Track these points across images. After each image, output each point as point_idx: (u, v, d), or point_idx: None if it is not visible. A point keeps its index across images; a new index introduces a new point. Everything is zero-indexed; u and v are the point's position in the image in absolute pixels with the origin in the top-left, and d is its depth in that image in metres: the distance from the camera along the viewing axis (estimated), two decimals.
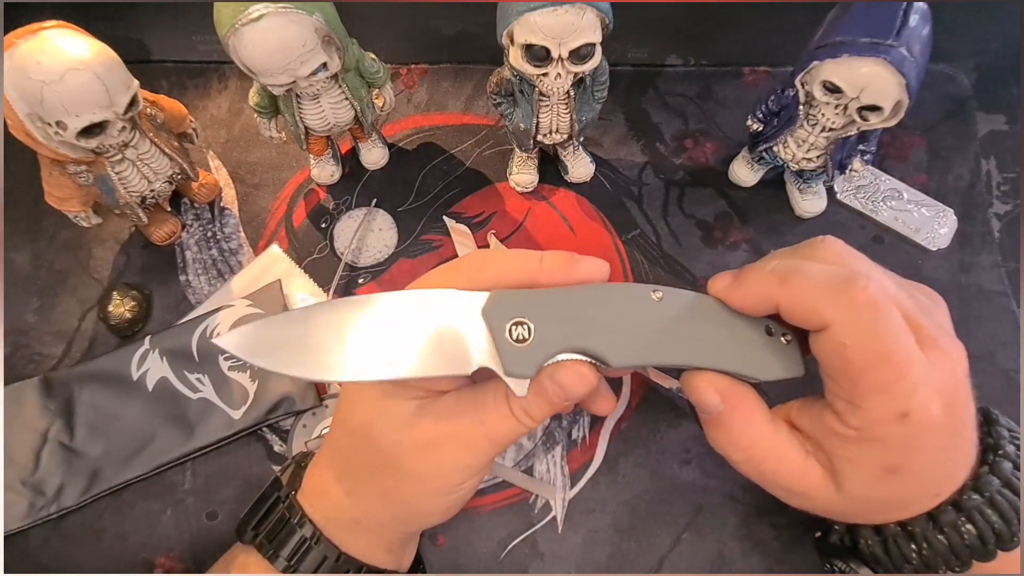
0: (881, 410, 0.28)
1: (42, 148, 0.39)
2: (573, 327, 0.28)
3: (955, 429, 0.30)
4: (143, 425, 0.45)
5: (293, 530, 0.33)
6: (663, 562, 0.42)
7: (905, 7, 0.37)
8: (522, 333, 0.28)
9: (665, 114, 0.54)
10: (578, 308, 0.28)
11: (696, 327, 0.29)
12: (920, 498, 0.31)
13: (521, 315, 0.28)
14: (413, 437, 0.30)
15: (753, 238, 0.50)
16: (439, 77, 0.56)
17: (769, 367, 0.30)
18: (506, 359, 0.28)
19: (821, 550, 0.37)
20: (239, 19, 0.36)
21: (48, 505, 0.43)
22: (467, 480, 0.31)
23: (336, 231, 0.51)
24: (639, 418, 0.45)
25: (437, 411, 0.30)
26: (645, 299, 0.29)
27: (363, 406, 0.31)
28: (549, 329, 0.28)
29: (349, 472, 0.33)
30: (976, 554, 0.30)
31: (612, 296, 0.29)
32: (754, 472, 0.32)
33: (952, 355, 0.30)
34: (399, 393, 0.30)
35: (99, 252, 0.50)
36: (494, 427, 0.29)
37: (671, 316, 0.29)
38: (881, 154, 0.52)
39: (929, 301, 0.32)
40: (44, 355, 0.48)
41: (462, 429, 0.30)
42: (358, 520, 0.33)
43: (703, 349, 0.29)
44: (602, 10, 0.37)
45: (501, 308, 0.28)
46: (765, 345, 0.30)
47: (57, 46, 0.36)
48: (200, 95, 0.55)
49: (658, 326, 0.29)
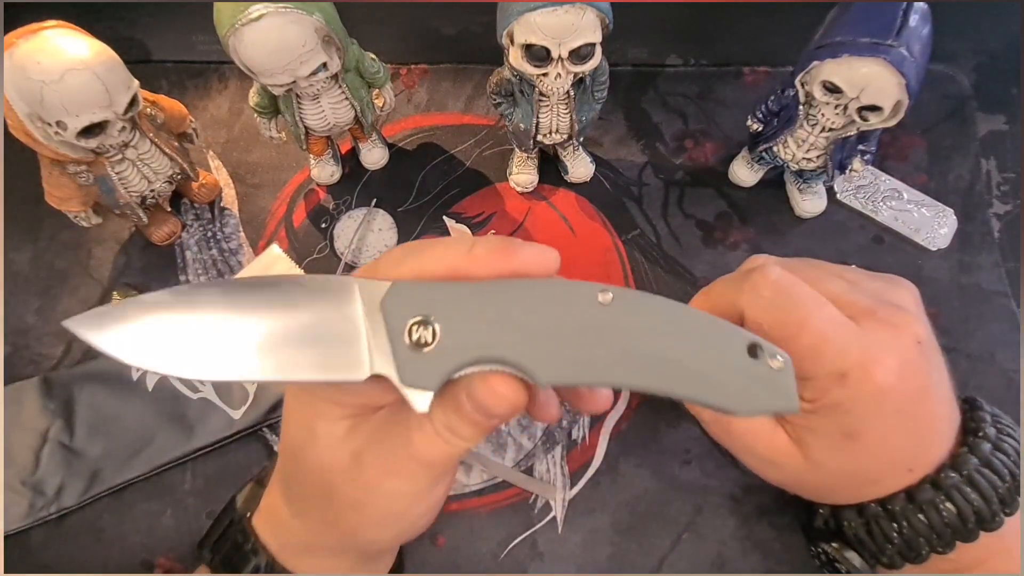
0: (820, 376, 0.30)
1: (42, 148, 0.39)
2: (489, 331, 0.23)
3: (914, 395, 0.31)
4: (143, 425, 0.45)
5: (247, 557, 0.31)
6: (663, 562, 0.42)
7: (905, 7, 0.37)
8: (424, 336, 0.23)
9: (665, 114, 0.54)
10: (499, 308, 0.23)
11: (652, 341, 0.23)
12: (891, 471, 0.32)
13: (425, 312, 0.23)
14: (342, 462, 0.26)
15: (753, 238, 0.50)
16: (439, 77, 0.56)
17: (748, 398, 0.23)
18: (402, 366, 0.23)
19: (807, 535, 0.38)
20: (239, 19, 0.36)
21: (48, 505, 0.43)
22: (410, 508, 0.27)
23: (336, 231, 0.51)
24: (639, 418, 0.45)
25: (368, 431, 0.26)
26: (589, 301, 0.23)
27: (295, 425, 0.28)
28: (458, 332, 0.23)
29: (292, 495, 0.30)
30: (958, 534, 0.31)
31: (545, 294, 0.23)
32: (723, 434, 0.34)
33: (898, 325, 0.31)
34: (328, 412, 0.26)
35: (99, 252, 0.50)
36: (420, 449, 0.25)
37: (620, 325, 0.23)
38: (881, 154, 0.52)
39: (886, 284, 0.34)
40: (44, 355, 0.48)
41: (390, 452, 0.26)
42: (309, 544, 0.31)
43: (658, 369, 0.23)
44: (602, 10, 0.37)
45: (401, 302, 0.23)
46: (745, 369, 0.23)
47: (57, 46, 0.36)
48: (200, 95, 0.55)
49: (602, 336, 0.23)
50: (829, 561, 0.36)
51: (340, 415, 0.26)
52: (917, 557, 0.32)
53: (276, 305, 0.23)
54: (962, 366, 0.46)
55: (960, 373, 0.34)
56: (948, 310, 0.47)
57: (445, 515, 0.43)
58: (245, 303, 0.23)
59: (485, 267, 0.23)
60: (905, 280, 0.35)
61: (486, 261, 0.23)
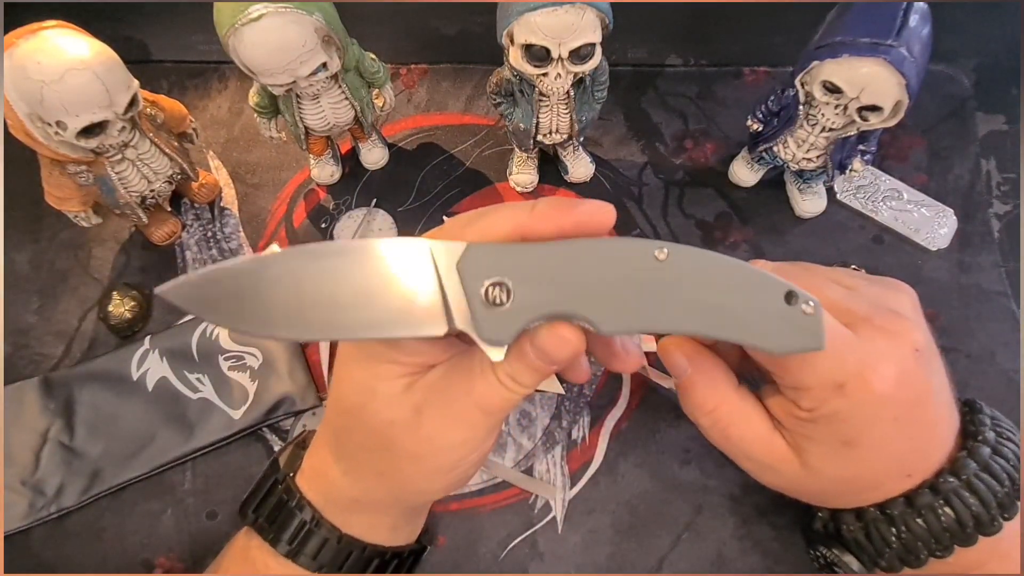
0: (818, 386, 0.30)
1: (42, 148, 0.39)
2: (559, 289, 0.25)
3: (912, 403, 0.31)
4: (143, 425, 0.45)
5: (292, 513, 0.33)
6: (663, 562, 0.42)
7: (905, 7, 0.37)
8: (500, 295, 0.25)
9: (665, 114, 0.54)
10: (566, 266, 0.25)
11: (703, 291, 0.25)
12: (889, 477, 0.32)
13: (499, 274, 0.25)
14: (404, 416, 0.28)
15: (753, 238, 0.50)
16: (439, 77, 0.56)
17: (784, 338, 0.26)
18: (480, 324, 0.25)
19: (806, 538, 0.38)
20: (239, 19, 0.36)
21: (48, 505, 0.43)
22: (465, 456, 0.30)
23: (336, 231, 0.51)
24: (639, 418, 0.45)
25: (426, 386, 0.28)
26: (647, 257, 0.25)
27: (352, 386, 0.30)
28: (531, 291, 0.25)
29: (344, 452, 0.32)
30: (956, 538, 0.31)
31: (607, 253, 0.25)
32: (721, 438, 0.34)
33: (896, 333, 0.31)
34: (387, 372, 0.29)
35: (99, 252, 0.50)
36: (483, 397, 0.27)
37: (675, 278, 0.25)
38: (881, 154, 0.52)
39: (884, 289, 0.34)
40: (44, 355, 0.48)
41: (451, 403, 0.28)
42: (357, 499, 0.33)
43: (708, 316, 0.26)
44: (602, 10, 0.37)
45: (477, 264, 0.25)
46: (782, 314, 0.26)
47: (57, 46, 0.36)
48: (200, 95, 0.55)
49: (659, 289, 0.25)
50: (827, 564, 0.36)
51: (399, 373, 0.28)
52: (916, 561, 0.32)
53: (356, 266, 0.25)
54: (962, 366, 0.46)
55: (960, 373, 0.33)
56: (948, 310, 0.47)
57: (445, 515, 0.43)
58: (326, 266, 0.25)
59: (548, 223, 0.25)
60: (903, 284, 0.34)
61: (548, 217, 0.25)
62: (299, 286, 0.24)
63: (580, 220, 0.25)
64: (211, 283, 0.24)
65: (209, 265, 0.25)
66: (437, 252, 0.25)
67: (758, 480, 0.35)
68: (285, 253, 0.25)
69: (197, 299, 0.24)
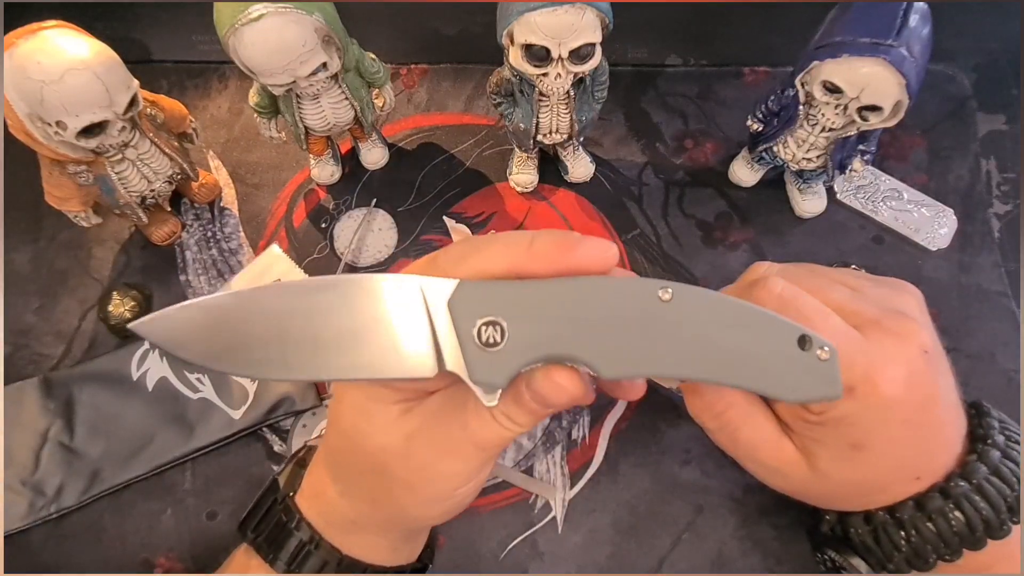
0: None
1: (42, 148, 0.39)
2: (556, 330, 0.24)
3: (921, 405, 0.30)
4: (143, 425, 0.45)
5: (291, 533, 0.32)
6: (663, 562, 0.42)
7: (905, 7, 0.37)
8: (493, 335, 0.23)
9: (665, 114, 0.54)
10: (564, 306, 0.24)
11: (710, 335, 0.24)
12: (898, 480, 0.32)
13: (493, 312, 0.23)
14: (396, 443, 0.28)
15: (753, 238, 0.50)
16: (439, 77, 0.56)
17: (799, 386, 0.24)
18: (472, 366, 0.24)
19: (813, 540, 0.38)
20: (239, 19, 0.36)
21: (48, 505, 0.43)
22: (460, 487, 0.29)
23: (336, 231, 0.51)
24: (639, 418, 0.45)
25: (423, 414, 0.28)
26: (650, 298, 0.24)
27: (350, 406, 0.29)
28: (526, 332, 0.23)
29: (341, 474, 0.32)
30: (965, 542, 0.31)
31: (609, 292, 0.24)
32: (729, 441, 0.33)
33: (904, 334, 0.30)
34: (383, 395, 0.28)
35: (99, 252, 0.50)
36: (477, 433, 0.27)
37: (680, 320, 0.24)
38: (881, 154, 0.52)
39: (891, 291, 0.33)
40: (44, 355, 0.48)
41: (445, 435, 0.27)
42: (355, 521, 0.32)
43: (716, 362, 0.24)
44: (602, 10, 0.37)
45: (470, 302, 0.24)
46: (795, 359, 0.24)
47: (57, 46, 0.36)
48: (200, 95, 0.55)
49: (664, 332, 0.24)
50: (835, 567, 0.36)
51: (395, 399, 0.28)
52: (924, 565, 0.32)
53: (343, 305, 0.24)
54: (962, 366, 0.46)
55: (960, 373, 0.33)
56: (948, 310, 0.47)
57: None
58: (311, 304, 0.24)
59: (546, 264, 0.24)
60: (909, 285, 0.34)
61: (547, 257, 0.24)
62: (281, 324, 0.23)
63: (580, 262, 0.24)
64: (189, 320, 0.23)
65: (189, 299, 0.24)
66: (427, 289, 0.24)
67: (765, 483, 0.35)
68: (267, 289, 0.24)
69: (173, 337, 0.23)
